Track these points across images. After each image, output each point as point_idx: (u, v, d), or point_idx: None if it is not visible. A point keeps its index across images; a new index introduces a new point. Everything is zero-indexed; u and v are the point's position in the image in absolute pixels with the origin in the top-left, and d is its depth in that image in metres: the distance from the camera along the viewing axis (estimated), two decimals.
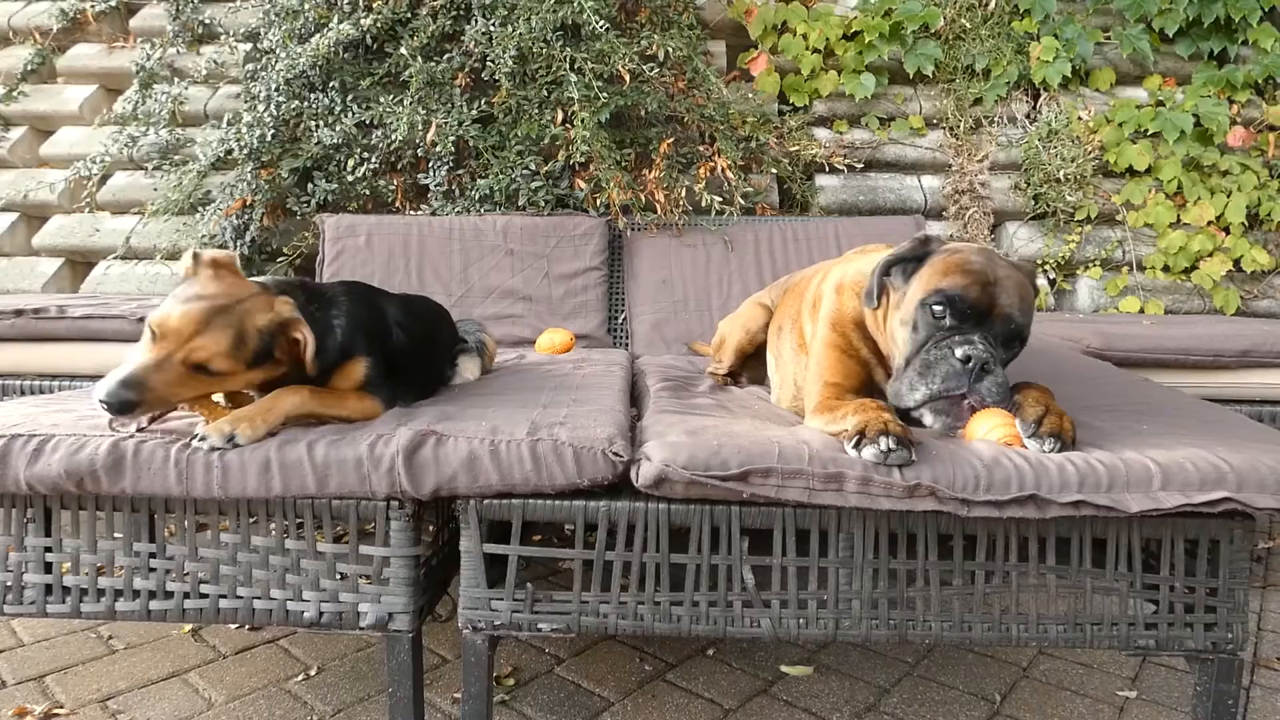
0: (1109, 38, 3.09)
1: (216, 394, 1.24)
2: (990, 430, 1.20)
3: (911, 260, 1.27)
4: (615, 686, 1.56)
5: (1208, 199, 2.88)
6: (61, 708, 1.46)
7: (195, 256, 1.19)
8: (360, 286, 1.47)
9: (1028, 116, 3.08)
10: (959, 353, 1.15)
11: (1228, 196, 2.87)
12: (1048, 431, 1.15)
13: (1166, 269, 2.90)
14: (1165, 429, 1.28)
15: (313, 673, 1.59)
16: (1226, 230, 2.89)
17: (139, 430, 1.17)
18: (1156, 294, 2.87)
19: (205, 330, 1.11)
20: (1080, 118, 3.00)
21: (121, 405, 1.07)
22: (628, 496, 1.18)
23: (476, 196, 2.63)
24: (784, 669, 1.63)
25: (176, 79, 3.12)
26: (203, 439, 1.13)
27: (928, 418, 1.22)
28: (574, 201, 2.67)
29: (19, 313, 2.08)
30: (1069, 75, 3.00)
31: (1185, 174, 2.90)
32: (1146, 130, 2.93)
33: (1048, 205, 2.92)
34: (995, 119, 3.06)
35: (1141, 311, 2.84)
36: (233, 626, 1.74)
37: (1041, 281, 2.93)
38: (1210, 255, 2.86)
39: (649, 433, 1.23)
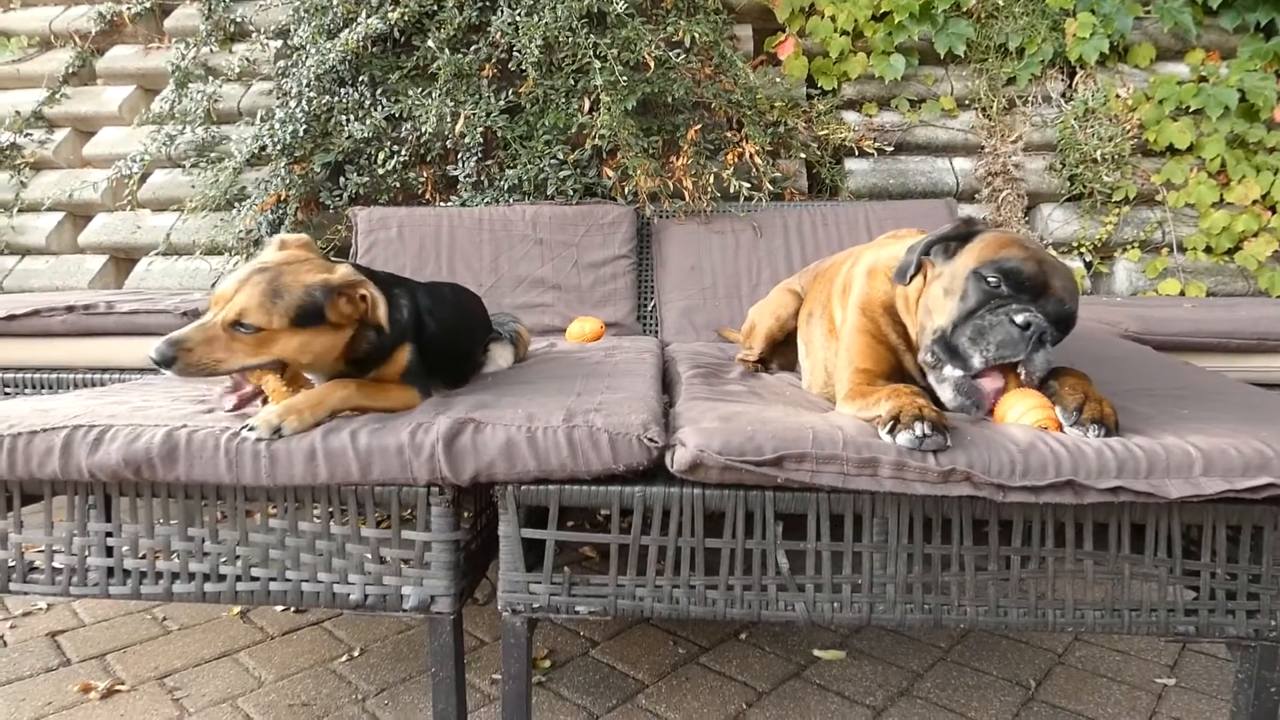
0: (1149, 12, 3.00)
1: (271, 369, 1.25)
2: (1025, 413, 1.18)
3: (955, 239, 1.27)
4: (649, 669, 1.58)
5: (1253, 177, 2.79)
6: (123, 684, 1.52)
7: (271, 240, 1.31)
8: (394, 276, 1.50)
9: (1063, 95, 3.01)
10: (1020, 319, 1.13)
11: (1274, 174, 2.78)
12: (1090, 418, 1.14)
13: (1209, 250, 2.83)
14: (1207, 413, 1.26)
15: (356, 654, 1.64)
16: (1273, 209, 2.81)
17: (230, 410, 1.27)
18: (1198, 276, 2.79)
19: (242, 288, 1.19)
20: (1118, 95, 2.92)
21: (162, 359, 1.17)
22: (662, 482, 1.19)
23: (505, 186, 2.66)
24: (816, 653, 1.64)
25: (210, 77, 3.19)
26: (251, 429, 1.17)
27: (947, 393, 1.20)
28: (602, 190, 2.68)
29: (70, 309, 2.16)
30: (1106, 52, 2.93)
31: (1229, 151, 2.81)
32: (1188, 107, 2.85)
33: (1084, 186, 2.86)
34: (1029, 99, 2.99)
35: (1182, 294, 2.77)
36: (279, 609, 1.80)
37: (1078, 264, 2.87)
38: (1255, 235, 2.78)
39: (682, 419, 1.24)
